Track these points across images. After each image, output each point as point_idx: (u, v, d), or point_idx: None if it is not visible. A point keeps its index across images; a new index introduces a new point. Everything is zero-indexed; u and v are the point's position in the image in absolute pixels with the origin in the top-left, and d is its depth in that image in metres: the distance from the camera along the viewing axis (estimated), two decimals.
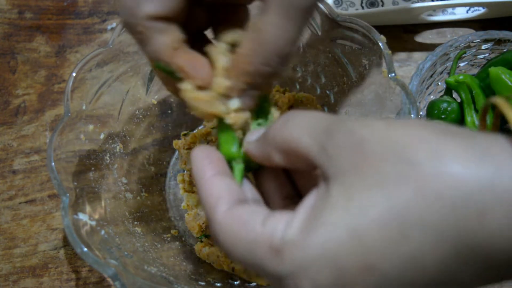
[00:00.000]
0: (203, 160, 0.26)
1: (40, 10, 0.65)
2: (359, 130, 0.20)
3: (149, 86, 0.49)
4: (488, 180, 0.17)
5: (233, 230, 0.22)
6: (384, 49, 0.40)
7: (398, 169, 0.18)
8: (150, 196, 0.49)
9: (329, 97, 0.50)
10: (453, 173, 0.17)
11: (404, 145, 0.18)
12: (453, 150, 0.18)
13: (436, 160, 0.18)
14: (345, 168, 0.19)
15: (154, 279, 0.38)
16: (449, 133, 0.19)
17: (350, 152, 0.19)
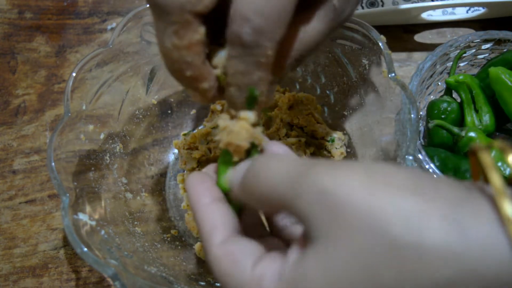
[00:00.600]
0: (199, 185, 0.27)
1: (40, 10, 0.65)
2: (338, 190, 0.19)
3: (149, 86, 0.49)
4: (471, 265, 0.17)
5: (225, 267, 0.23)
6: (384, 49, 0.40)
7: (376, 247, 0.18)
8: (150, 196, 0.49)
9: (329, 97, 0.50)
10: (440, 255, 0.17)
11: (385, 220, 0.18)
12: (437, 227, 0.17)
13: (420, 239, 0.17)
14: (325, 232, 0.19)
15: (154, 279, 0.38)
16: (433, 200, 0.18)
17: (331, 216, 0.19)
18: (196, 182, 0.27)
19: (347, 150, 0.49)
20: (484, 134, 0.45)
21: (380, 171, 0.19)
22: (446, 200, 0.18)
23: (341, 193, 0.19)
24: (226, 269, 0.23)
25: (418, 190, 0.18)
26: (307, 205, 0.20)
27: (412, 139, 0.36)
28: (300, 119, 0.48)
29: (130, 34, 0.45)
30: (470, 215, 0.18)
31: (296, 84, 0.52)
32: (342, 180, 0.19)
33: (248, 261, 0.23)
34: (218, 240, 0.24)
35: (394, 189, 0.19)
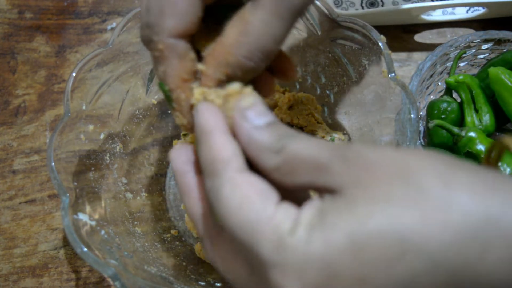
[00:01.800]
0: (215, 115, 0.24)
1: (40, 10, 0.65)
2: (370, 153, 0.20)
3: (149, 86, 0.49)
4: (494, 215, 0.17)
5: (244, 197, 0.21)
6: (384, 49, 0.40)
7: (406, 191, 0.18)
8: (150, 196, 0.49)
9: (329, 97, 0.50)
10: (461, 205, 0.17)
11: (414, 170, 0.18)
12: (462, 182, 0.18)
13: (445, 189, 0.18)
14: (353, 183, 0.19)
15: (154, 279, 0.38)
16: (458, 165, 0.19)
17: (360, 170, 0.19)
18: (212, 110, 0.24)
19: None
20: (484, 134, 0.45)
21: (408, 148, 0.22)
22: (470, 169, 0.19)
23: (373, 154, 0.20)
24: (245, 200, 0.21)
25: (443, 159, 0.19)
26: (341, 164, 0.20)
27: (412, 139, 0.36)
28: (300, 119, 0.49)
29: (130, 34, 0.45)
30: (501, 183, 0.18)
31: (296, 84, 0.52)
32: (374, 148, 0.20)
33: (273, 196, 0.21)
34: (238, 166, 0.22)
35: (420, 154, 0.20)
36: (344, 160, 0.20)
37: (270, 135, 0.22)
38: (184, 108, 0.27)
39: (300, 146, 0.21)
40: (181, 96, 0.26)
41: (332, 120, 0.51)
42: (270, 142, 0.22)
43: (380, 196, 0.18)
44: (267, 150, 0.22)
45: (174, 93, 0.26)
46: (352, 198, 0.19)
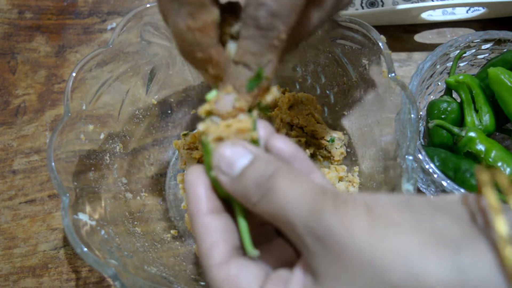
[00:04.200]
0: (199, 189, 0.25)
1: (40, 10, 0.65)
2: (340, 233, 0.20)
3: (149, 86, 0.49)
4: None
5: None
6: (384, 49, 0.40)
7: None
8: (150, 196, 0.49)
9: (329, 97, 0.50)
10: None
11: (383, 261, 0.18)
12: (435, 268, 0.18)
13: (416, 281, 0.18)
14: (328, 272, 0.20)
15: (154, 279, 0.38)
16: (433, 239, 0.18)
17: (333, 258, 0.20)
18: (195, 184, 0.25)
19: (347, 150, 0.49)
20: (484, 134, 0.45)
21: (380, 209, 0.20)
22: (446, 241, 0.18)
23: (345, 236, 0.19)
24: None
25: (417, 230, 0.19)
26: (314, 243, 0.20)
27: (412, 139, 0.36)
28: (300, 119, 0.48)
29: (130, 34, 0.45)
30: (471, 259, 0.18)
31: (296, 84, 0.52)
32: (344, 220, 0.20)
33: (254, 283, 0.22)
34: (218, 259, 0.23)
35: (393, 229, 0.19)
36: (319, 240, 0.20)
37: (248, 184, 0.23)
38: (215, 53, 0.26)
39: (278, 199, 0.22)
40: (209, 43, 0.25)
41: (332, 120, 0.51)
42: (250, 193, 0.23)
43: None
44: (249, 200, 0.23)
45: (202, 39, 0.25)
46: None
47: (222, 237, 0.24)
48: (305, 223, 0.21)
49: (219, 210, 0.25)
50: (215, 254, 0.23)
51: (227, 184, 0.23)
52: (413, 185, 0.34)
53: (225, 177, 0.23)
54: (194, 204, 0.25)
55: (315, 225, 0.20)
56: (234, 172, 0.23)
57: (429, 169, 0.42)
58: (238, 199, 0.23)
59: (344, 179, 0.47)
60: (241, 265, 0.23)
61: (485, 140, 0.44)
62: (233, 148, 0.24)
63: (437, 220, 0.19)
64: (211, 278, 0.23)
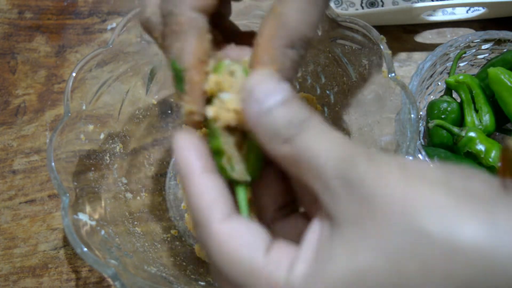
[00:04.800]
0: (190, 151, 0.23)
1: (40, 10, 0.65)
2: (372, 182, 0.19)
3: (149, 86, 0.49)
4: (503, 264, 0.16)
5: (230, 248, 0.21)
6: (384, 49, 0.40)
7: (406, 238, 0.17)
8: (150, 196, 0.49)
9: (329, 97, 0.50)
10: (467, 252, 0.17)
11: (416, 211, 0.18)
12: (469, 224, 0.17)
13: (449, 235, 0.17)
14: (353, 220, 0.19)
15: (154, 279, 0.38)
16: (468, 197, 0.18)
17: (362, 205, 0.19)
18: (187, 145, 0.24)
19: None
20: (484, 134, 0.45)
21: (414, 166, 0.19)
22: (479, 198, 0.18)
23: (377, 184, 0.19)
24: (232, 252, 0.21)
25: (452, 186, 0.18)
26: (341, 187, 0.19)
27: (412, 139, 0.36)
28: None
29: (130, 34, 0.45)
30: (504, 215, 0.17)
31: (296, 84, 0.52)
32: (378, 172, 0.19)
33: (260, 245, 0.21)
34: (220, 215, 0.21)
35: (428, 183, 0.18)
36: (347, 185, 0.19)
37: (279, 121, 0.21)
38: (196, 92, 0.25)
39: (309, 142, 0.20)
40: (195, 78, 0.24)
41: (332, 120, 0.51)
42: (279, 129, 0.21)
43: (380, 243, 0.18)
44: (275, 138, 0.21)
45: (189, 74, 0.24)
46: (351, 239, 0.19)
47: (221, 195, 0.22)
48: (335, 167, 0.19)
49: (213, 170, 0.23)
50: (216, 210, 0.22)
51: (253, 115, 0.21)
52: None
53: (254, 106, 0.21)
54: (187, 165, 0.23)
55: (347, 171, 0.19)
56: (267, 104, 0.21)
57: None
58: (261, 135, 0.21)
59: None
60: (244, 222, 0.22)
61: (485, 140, 0.44)
62: (268, 82, 0.22)
63: (471, 181, 0.19)
64: (211, 233, 0.21)
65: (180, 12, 0.24)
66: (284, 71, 0.24)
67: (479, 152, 0.44)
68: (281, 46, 0.24)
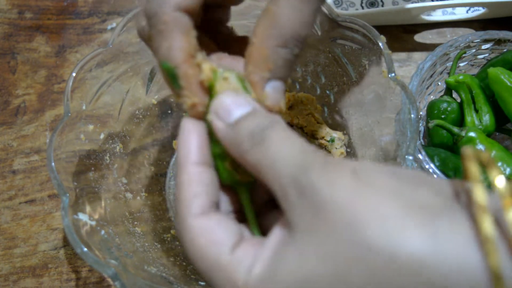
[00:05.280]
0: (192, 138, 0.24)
1: (40, 10, 0.65)
2: (322, 189, 0.19)
3: (149, 86, 0.49)
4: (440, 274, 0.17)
5: (200, 245, 0.22)
6: (384, 49, 0.40)
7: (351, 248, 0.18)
8: (150, 196, 0.49)
9: (329, 97, 0.50)
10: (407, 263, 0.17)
11: (362, 222, 0.18)
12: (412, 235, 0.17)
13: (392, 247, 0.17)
14: (305, 227, 0.20)
15: (154, 279, 0.38)
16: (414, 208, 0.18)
17: (312, 213, 0.19)
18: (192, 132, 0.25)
19: (347, 150, 0.49)
20: (484, 134, 0.45)
21: (366, 172, 0.20)
22: (425, 209, 0.18)
23: (328, 192, 0.19)
24: (201, 247, 0.22)
25: (400, 195, 0.18)
26: (296, 194, 0.20)
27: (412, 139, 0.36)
28: (300, 119, 0.49)
29: (130, 34, 0.45)
30: (447, 228, 0.17)
31: (296, 84, 0.52)
32: (329, 178, 0.20)
33: (227, 243, 0.22)
34: (197, 209, 0.23)
35: (377, 192, 0.19)
36: (300, 192, 0.20)
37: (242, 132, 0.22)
38: (193, 85, 0.25)
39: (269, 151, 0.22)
40: (189, 72, 0.25)
41: (332, 120, 0.51)
42: (242, 141, 0.22)
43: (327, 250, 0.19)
44: (240, 149, 0.22)
45: (181, 69, 0.25)
46: (302, 245, 0.20)
47: (205, 189, 0.23)
48: (291, 174, 0.20)
49: (208, 164, 0.24)
50: (195, 204, 0.23)
51: (221, 130, 0.23)
52: None
53: (220, 122, 0.23)
54: (185, 152, 0.24)
55: (300, 177, 0.20)
56: (231, 119, 0.23)
57: (429, 169, 0.42)
58: (229, 147, 0.23)
59: None
60: (219, 220, 0.23)
61: (485, 140, 0.44)
62: (234, 97, 0.24)
63: (420, 190, 0.19)
64: (186, 227, 0.23)
65: (164, 11, 0.25)
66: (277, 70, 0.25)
67: None
68: (273, 45, 0.24)
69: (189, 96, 0.25)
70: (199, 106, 0.25)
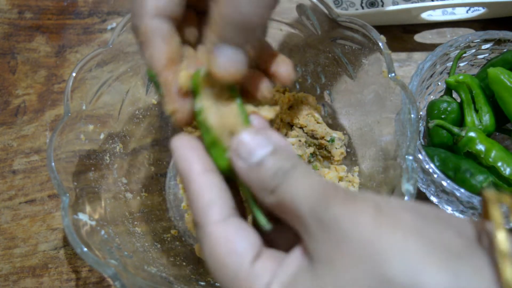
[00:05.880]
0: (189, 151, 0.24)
1: (40, 10, 0.65)
2: (344, 223, 0.20)
3: (149, 86, 0.49)
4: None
5: (220, 254, 0.22)
6: (384, 49, 0.40)
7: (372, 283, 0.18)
8: (150, 196, 0.49)
9: (329, 97, 0.50)
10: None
11: (385, 258, 0.18)
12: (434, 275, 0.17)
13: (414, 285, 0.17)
14: (325, 259, 0.20)
15: (154, 279, 0.38)
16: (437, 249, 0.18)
17: (332, 245, 0.20)
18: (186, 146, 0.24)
19: (347, 150, 0.49)
20: (484, 134, 0.45)
21: (390, 208, 0.20)
22: (448, 250, 0.18)
23: (350, 226, 0.19)
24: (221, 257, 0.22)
25: (424, 235, 0.19)
26: (318, 228, 0.20)
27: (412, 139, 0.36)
28: (300, 119, 0.48)
29: (130, 34, 0.45)
30: (470, 272, 0.17)
31: (296, 84, 0.52)
32: (351, 213, 0.20)
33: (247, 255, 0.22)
34: (216, 217, 0.23)
35: (401, 230, 0.19)
36: (322, 226, 0.20)
37: (264, 174, 0.22)
38: (172, 91, 0.25)
39: (291, 190, 0.22)
40: (169, 78, 0.25)
41: (332, 120, 0.51)
42: (265, 182, 0.22)
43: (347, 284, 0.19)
44: (263, 190, 0.22)
45: (162, 75, 0.25)
46: (322, 277, 0.20)
47: (219, 195, 0.23)
48: (312, 209, 0.21)
49: (213, 169, 0.24)
50: (213, 211, 0.23)
51: (242, 170, 0.23)
52: (413, 185, 0.34)
53: (242, 162, 0.23)
54: (188, 165, 0.24)
55: (322, 212, 0.20)
56: (253, 160, 0.23)
57: (429, 169, 0.42)
58: (251, 186, 0.23)
59: (344, 179, 0.47)
60: (239, 228, 0.23)
61: (485, 140, 0.44)
62: (255, 136, 0.23)
63: (443, 230, 0.19)
64: (207, 235, 0.23)
65: (143, 23, 0.26)
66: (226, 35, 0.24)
67: (479, 152, 0.44)
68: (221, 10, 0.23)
69: (169, 103, 0.26)
70: (179, 113, 0.26)
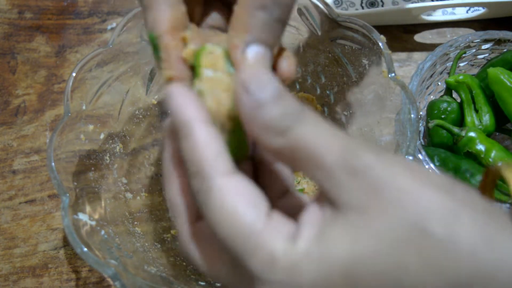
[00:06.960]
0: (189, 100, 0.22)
1: (40, 10, 0.65)
2: (380, 173, 0.19)
3: (149, 86, 0.49)
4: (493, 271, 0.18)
5: (234, 204, 0.20)
6: (384, 49, 0.40)
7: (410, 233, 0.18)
8: (150, 196, 0.49)
9: (329, 97, 0.50)
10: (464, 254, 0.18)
11: (423, 210, 0.18)
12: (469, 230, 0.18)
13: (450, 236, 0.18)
14: (359, 207, 0.19)
15: (154, 279, 0.38)
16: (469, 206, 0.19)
17: (368, 193, 0.19)
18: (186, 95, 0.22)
19: None
20: (484, 134, 0.45)
21: (420, 168, 0.20)
22: (477, 206, 0.19)
23: (387, 174, 0.19)
24: (235, 210, 0.20)
25: (455, 194, 0.19)
26: (347, 176, 0.19)
27: (412, 139, 0.36)
28: None
29: (130, 34, 0.45)
30: (497, 226, 0.18)
31: (296, 84, 0.52)
32: (387, 164, 0.19)
33: (263, 207, 0.20)
34: (225, 168, 0.21)
35: (434, 187, 0.19)
36: (352, 174, 0.19)
37: (274, 113, 0.20)
38: (173, 58, 0.24)
39: (307, 133, 0.20)
40: (171, 43, 0.24)
41: (332, 120, 0.51)
42: (274, 121, 0.20)
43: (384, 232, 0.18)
44: (270, 131, 0.20)
45: (163, 39, 0.24)
46: (355, 224, 0.19)
47: (224, 147, 0.21)
48: (342, 157, 0.19)
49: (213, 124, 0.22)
50: (221, 162, 0.21)
51: (247, 106, 0.20)
52: None
53: (249, 97, 0.20)
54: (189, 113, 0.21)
55: (354, 160, 0.19)
56: (264, 95, 0.20)
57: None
58: (255, 128, 0.21)
59: None
60: (248, 180, 0.21)
61: (485, 140, 0.44)
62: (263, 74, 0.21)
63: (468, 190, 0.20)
64: (215, 188, 0.20)
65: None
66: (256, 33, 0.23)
67: (479, 152, 0.44)
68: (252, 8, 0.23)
69: (167, 68, 0.24)
70: (176, 79, 0.24)
